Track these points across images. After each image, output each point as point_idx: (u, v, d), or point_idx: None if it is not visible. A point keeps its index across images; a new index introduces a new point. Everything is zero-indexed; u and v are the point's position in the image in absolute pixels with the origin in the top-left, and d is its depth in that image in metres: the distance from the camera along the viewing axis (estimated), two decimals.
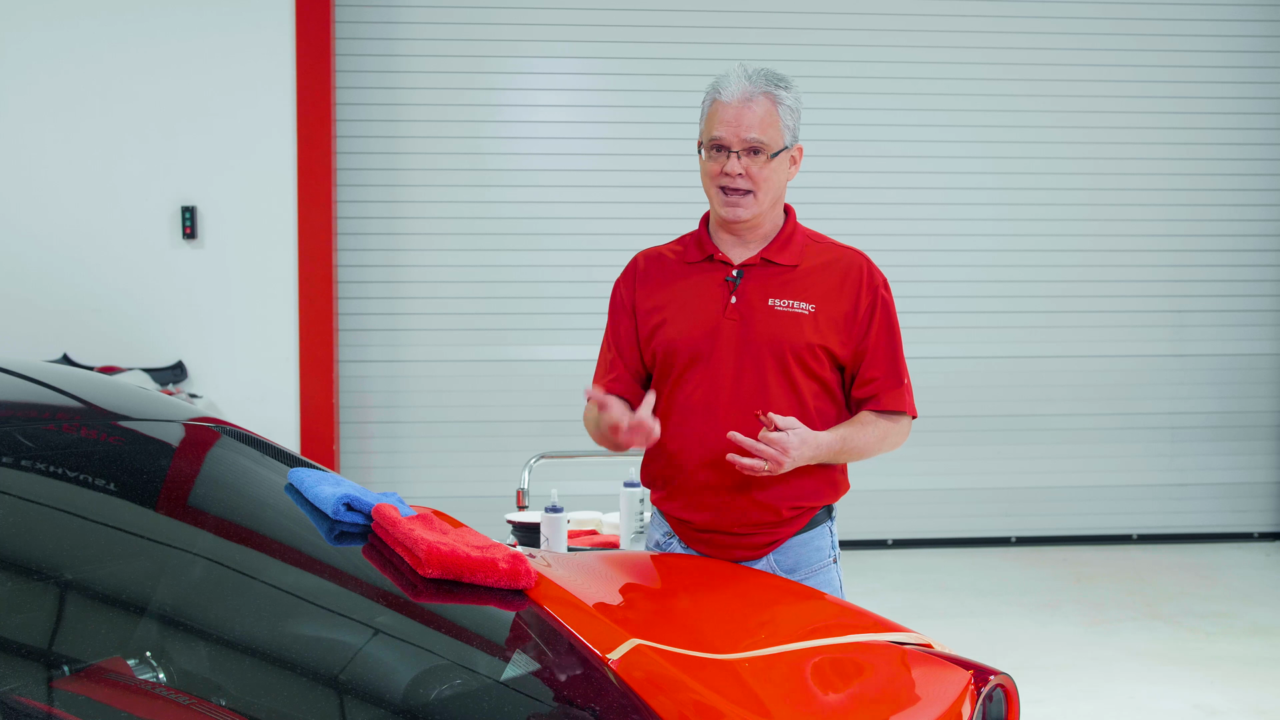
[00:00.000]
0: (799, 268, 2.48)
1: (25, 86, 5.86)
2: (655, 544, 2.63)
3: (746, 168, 2.41)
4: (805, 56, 6.29)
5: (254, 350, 6.05)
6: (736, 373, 2.44)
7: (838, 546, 2.58)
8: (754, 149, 2.41)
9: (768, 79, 2.43)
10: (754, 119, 2.40)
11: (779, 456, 2.29)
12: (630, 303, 2.58)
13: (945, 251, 6.56)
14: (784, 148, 2.43)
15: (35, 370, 2.12)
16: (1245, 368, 6.82)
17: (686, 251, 2.57)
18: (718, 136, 2.42)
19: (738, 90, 2.41)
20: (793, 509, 2.47)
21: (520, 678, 1.74)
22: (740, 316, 2.45)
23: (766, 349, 2.42)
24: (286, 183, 6.02)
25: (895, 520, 6.54)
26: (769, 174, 2.43)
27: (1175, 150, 6.69)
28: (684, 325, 2.48)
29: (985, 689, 1.88)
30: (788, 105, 2.43)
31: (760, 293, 2.46)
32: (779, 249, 2.50)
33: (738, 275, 2.48)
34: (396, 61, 6.31)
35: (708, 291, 2.49)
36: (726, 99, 2.42)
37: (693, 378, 2.47)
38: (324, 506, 2.01)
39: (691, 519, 2.51)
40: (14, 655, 1.50)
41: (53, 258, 5.88)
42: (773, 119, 2.41)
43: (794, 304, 2.44)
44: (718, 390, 2.44)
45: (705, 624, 2.05)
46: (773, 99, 2.42)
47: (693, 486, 2.48)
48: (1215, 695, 4.39)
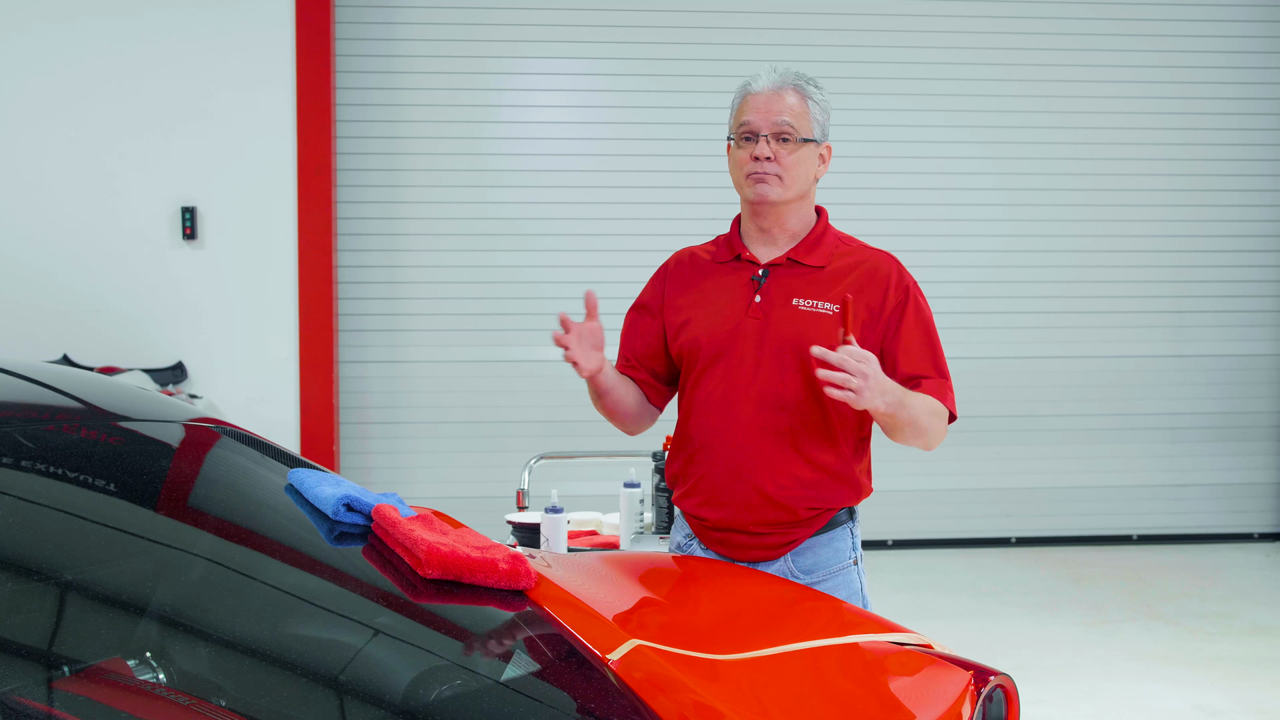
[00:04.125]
0: (826, 269, 2.47)
1: (25, 86, 5.86)
2: (676, 546, 2.63)
3: (775, 152, 2.42)
4: (806, 57, 6.28)
5: (254, 350, 6.05)
6: (755, 370, 2.43)
7: (860, 548, 2.56)
8: (783, 135, 2.42)
9: (799, 76, 2.48)
10: (784, 105, 2.43)
11: (863, 368, 2.20)
12: (659, 302, 2.60)
13: (945, 252, 6.56)
14: (813, 139, 2.45)
15: (35, 370, 2.12)
16: (1245, 368, 6.82)
17: (718, 252, 2.58)
18: (747, 122, 2.44)
19: (769, 81, 2.45)
20: (810, 510, 2.46)
21: (520, 678, 1.74)
22: (763, 315, 2.45)
23: (787, 347, 2.41)
24: (286, 183, 6.02)
25: (895, 520, 6.54)
26: (796, 160, 2.43)
27: (1175, 150, 6.69)
28: (707, 323, 2.49)
29: (985, 689, 1.88)
30: (818, 101, 2.46)
31: (785, 292, 2.46)
32: (807, 250, 2.49)
33: (763, 274, 2.48)
34: (396, 62, 6.31)
35: (733, 290, 2.50)
36: (758, 89, 2.46)
37: (714, 375, 2.47)
38: (324, 507, 2.01)
39: (708, 516, 2.50)
40: (14, 655, 1.50)
41: (53, 258, 5.88)
42: (803, 109, 2.44)
43: (818, 304, 2.43)
44: (736, 387, 2.44)
45: (705, 624, 2.05)
46: (803, 93, 2.45)
47: (710, 482, 2.47)
48: (1215, 695, 4.39)
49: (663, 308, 2.59)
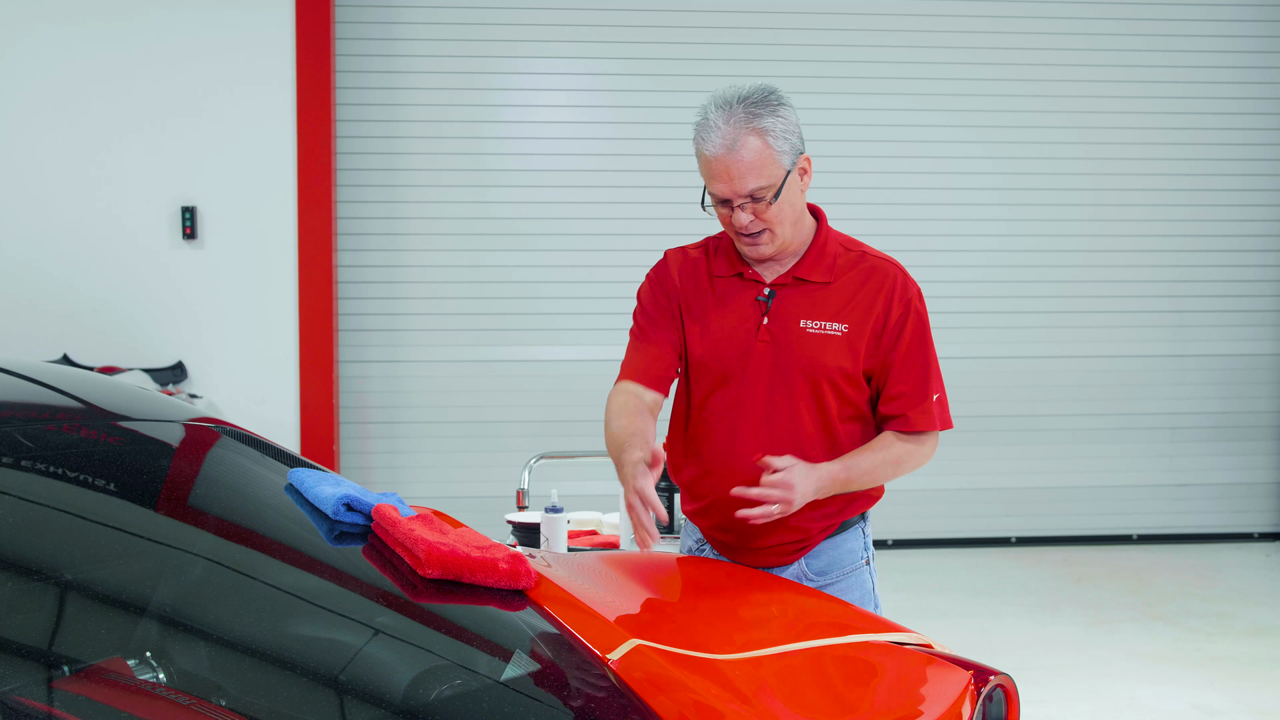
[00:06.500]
0: (831, 284, 2.40)
1: (25, 86, 5.86)
2: (688, 550, 2.61)
3: (755, 213, 2.30)
4: (805, 56, 6.29)
5: (254, 350, 6.05)
6: (768, 395, 2.38)
7: (871, 548, 2.55)
8: (756, 197, 2.29)
9: (748, 111, 2.26)
10: (744, 168, 2.25)
11: (786, 495, 2.22)
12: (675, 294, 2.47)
13: (945, 251, 6.56)
14: (785, 175, 2.30)
15: (35, 370, 2.12)
16: (1245, 368, 6.82)
17: (713, 263, 2.48)
18: (716, 192, 2.31)
19: (719, 140, 2.25)
20: (824, 528, 2.46)
21: (520, 678, 1.74)
22: (772, 338, 2.38)
23: (798, 372, 2.37)
24: (286, 183, 6.02)
25: (895, 520, 6.54)
26: (778, 210, 2.31)
27: (1175, 150, 6.69)
28: (715, 344, 2.41)
29: (985, 689, 1.88)
30: (778, 132, 2.26)
31: (792, 313, 2.39)
32: (811, 265, 2.42)
33: (770, 295, 2.41)
34: (396, 61, 6.31)
35: (740, 310, 2.42)
36: (711, 152, 2.27)
37: (723, 398, 2.42)
38: (324, 507, 2.01)
39: (724, 539, 2.50)
40: (14, 655, 1.50)
41: (53, 258, 5.88)
42: (765, 157, 2.25)
43: (826, 325, 2.37)
44: (747, 413, 2.39)
45: (705, 624, 2.05)
46: (760, 133, 2.25)
47: (723, 507, 2.41)
48: (1215, 695, 4.38)
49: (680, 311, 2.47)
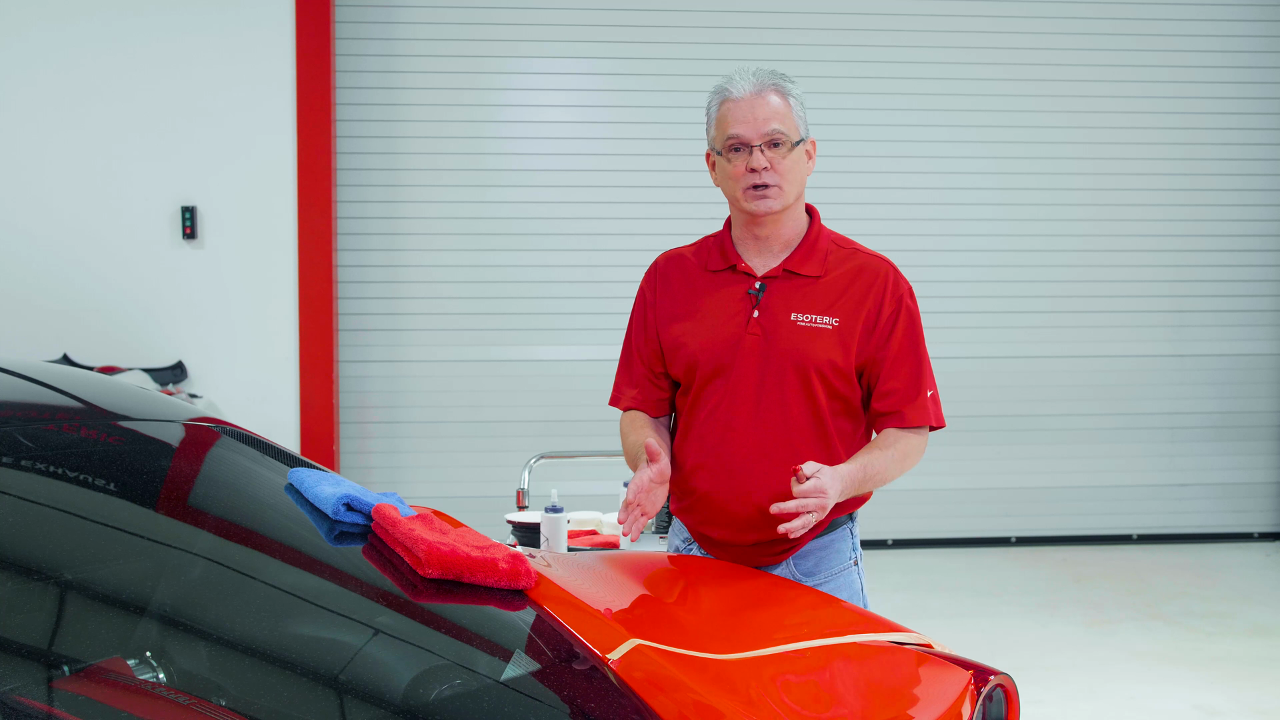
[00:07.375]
0: (822, 279, 2.43)
1: (25, 86, 5.86)
2: (675, 549, 2.61)
3: (771, 160, 2.36)
4: (805, 56, 6.29)
5: (254, 350, 6.05)
6: (758, 388, 2.39)
7: (859, 548, 2.55)
8: (775, 141, 2.36)
9: (776, 75, 2.41)
10: (770, 110, 2.36)
11: (821, 502, 2.23)
12: (653, 307, 2.53)
13: (945, 251, 6.56)
14: (799, 140, 2.39)
15: (35, 370, 2.12)
16: (1245, 368, 6.82)
17: (709, 258, 2.51)
18: (736, 134, 2.36)
19: (748, 85, 2.37)
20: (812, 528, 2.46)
21: (520, 678, 1.74)
22: (762, 331, 2.40)
23: (789, 365, 2.38)
24: (286, 182, 6.02)
25: (895, 520, 6.54)
26: (791, 164, 2.38)
27: (1175, 150, 6.69)
28: (705, 339, 2.43)
29: (985, 689, 1.88)
30: (797, 98, 2.41)
31: (783, 306, 2.41)
32: (802, 258, 2.44)
33: (760, 288, 2.43)
34: (396, 61, 6.31)
35: (730, 304, 2.44)
36: (738, 94, 2.38)
37: (714, 393, 2.43)
38: (324, 507, 2.01)
39: (711, 534, 2.49)
40: (14, 655, 1.50)
41: (53, 258, 5.88)
42: (787, 109, 2.38)
43: (816, 319, 2.39)
44: (738, 406, 2.40)
45: (705, 624, 2.05)
46: (784, 93, 2.39)
47: (711, 502, 2.44)
48: (1215, 695, 4.39)
49: (656, 314, 2.51)
